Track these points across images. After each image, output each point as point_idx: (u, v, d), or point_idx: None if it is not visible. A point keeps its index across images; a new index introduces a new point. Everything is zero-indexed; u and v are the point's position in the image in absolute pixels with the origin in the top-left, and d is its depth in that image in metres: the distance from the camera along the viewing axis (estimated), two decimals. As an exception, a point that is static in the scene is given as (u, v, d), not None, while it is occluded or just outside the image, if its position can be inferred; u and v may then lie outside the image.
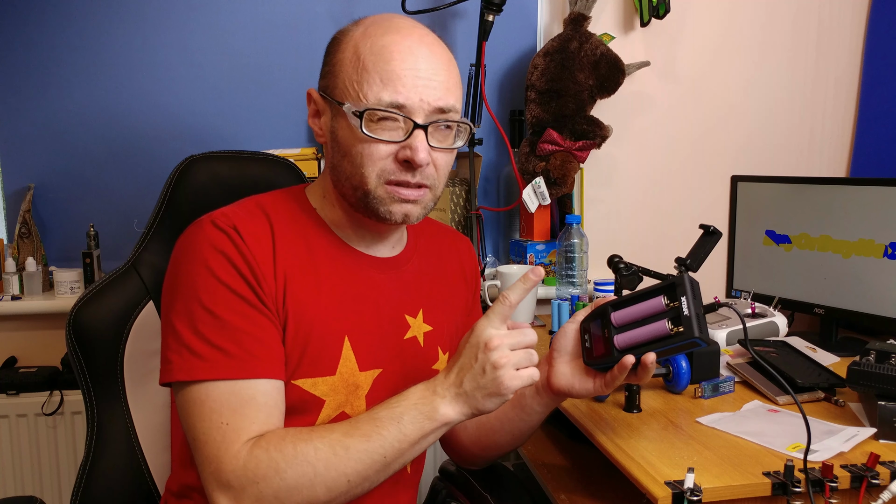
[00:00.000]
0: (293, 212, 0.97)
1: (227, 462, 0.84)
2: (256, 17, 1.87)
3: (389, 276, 1.01)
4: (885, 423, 1.04)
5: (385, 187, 0.92)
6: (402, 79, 0.89)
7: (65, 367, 1.81)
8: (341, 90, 0.92)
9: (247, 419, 0.86)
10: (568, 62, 1.79)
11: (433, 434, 0.87)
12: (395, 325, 1.01)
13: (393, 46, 0.90)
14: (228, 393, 0.86)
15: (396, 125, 0.90)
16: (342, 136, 0.93)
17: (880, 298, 1.51)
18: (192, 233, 0.92)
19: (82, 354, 1.11)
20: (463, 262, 1.15)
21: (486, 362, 0.86)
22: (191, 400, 0.87)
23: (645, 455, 0.98)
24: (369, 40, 0.91)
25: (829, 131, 2.12)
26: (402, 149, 0.90)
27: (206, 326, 0.87)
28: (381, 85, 0.89)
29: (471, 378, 0.86)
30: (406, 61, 0.89)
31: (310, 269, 0.94)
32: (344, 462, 0.84)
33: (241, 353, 0.87)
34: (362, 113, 0.89)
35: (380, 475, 0.87)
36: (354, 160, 0.92)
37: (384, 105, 0.89)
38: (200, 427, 0.86)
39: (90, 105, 1.84)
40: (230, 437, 0.85)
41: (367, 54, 0.90)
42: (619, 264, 1.37)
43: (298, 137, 1.91)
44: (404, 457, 0.87)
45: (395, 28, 0.92)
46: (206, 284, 0.88)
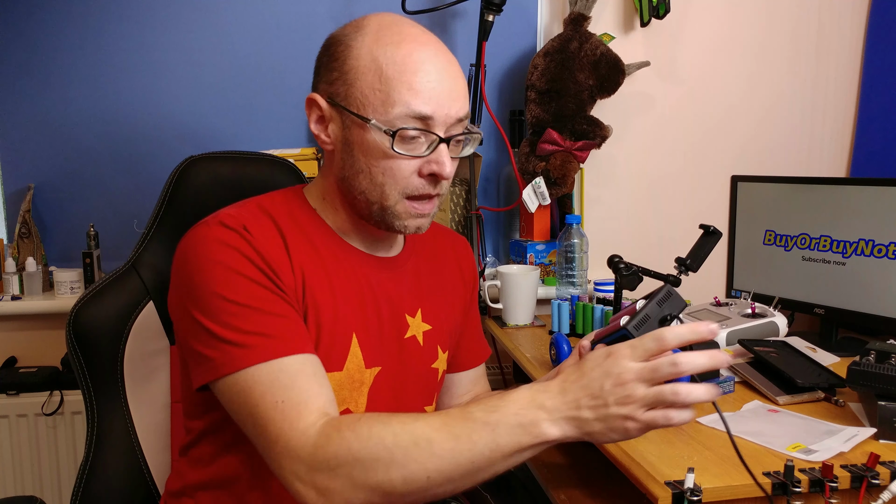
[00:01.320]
0: (294, 213, 0.97)
1: (294, 439, 0.80)
2: (257, 17, 1.87)
3: (389, 276, 1.02)
4: (885, 423, 1.04)
5: (405, 203, 0.92)
6: (430, 91, 0.88)
7: (65, 367, 1.81)
8: (360, 101, 0.89)
9: (302, 392, 0.83)
10: (568, 62, 1.79)
11: (530, 450, 0.79)
12: (396, 323, 1.01)
13: (415, 56, 0.88)
14: (276, 372, 0.83)
15: (419, 139, 0.90)
16: (361, 149, 0.91)
17: (880, 298, 1.51)
18: (200, 234, 0.90)
19: (82, 354, 1.11)
20: (461, 262, 1.16)
21: (611, 396, 0.75)
22: (238, 390, 0.84)
23: (645, 455, 0.98)
24: (387, 49, 0.89)
25: (829, 131, 2.12)
26: (427, 163, 0.91)
27: (234, 317, 0.85)
28: (410, 97, 0.87)
29: (593, 408, 0.77)
30: (430, 73, 0.88)
31: (320, 266, 0.94)
32: (426, 456, 0.78)
33: (277, 333, 0.85)
34: (395, 132, 0.88)
35: (466, 480, 0.79)
36: (375, 177, 0.91)
37: (413, 117, 0.88)
38: (256, 412, 0.83)
39: (90, 105, 1.84)
40: (291, 414, 0.81)
41: (389, 65, 0.88)
42: (619, 264, 1.37)
43: (298, 137, 1.91)
44: (495, 468, 0.79)
45: (410, 36, 0.90)
46: (225, 278, 0.86)
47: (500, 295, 1.73)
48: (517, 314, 1.71)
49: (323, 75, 0.94)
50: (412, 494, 0.79)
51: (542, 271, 1.88)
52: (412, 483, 0.78)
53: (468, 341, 1.19)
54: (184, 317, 0.88)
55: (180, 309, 0.89)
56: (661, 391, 0.75)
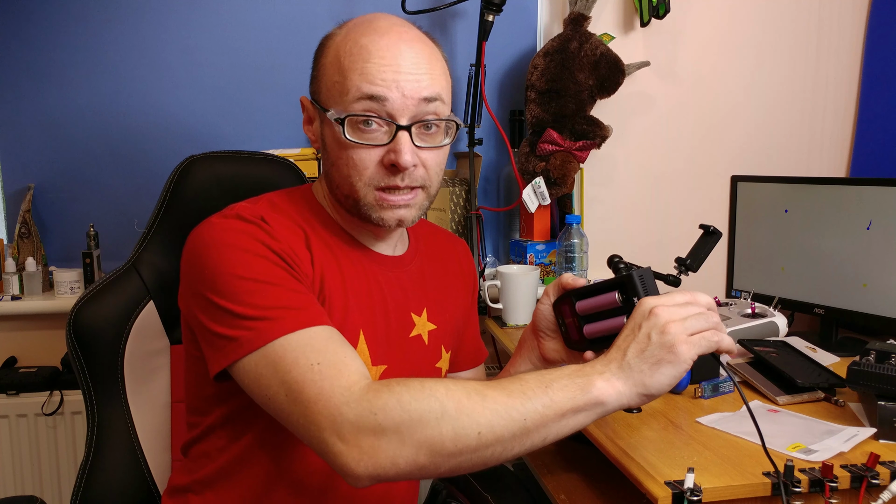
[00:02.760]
0: (304, 210, 0.97)
1: (337, 395, 0.76)
2: (257, 17, 1.87)
3: (396, 275, 1.02)
4: (885, 423, 1.04)
5: (375, 194, 0.91)
6: (381, 71, 0.87)
7: (65, 367, 1.81)
8: (325, 95, 0.92)
9: (337, 353, 0.80)
10: (568, 62, 1.79)
11: (583, 413, 0.77)
12: (402, 322, 1.02)
13: (371, 45, 0.88)
14: (307, 339, 0.81)
15: (380, 129, 0.88)
16: (329, 143, 0.93)
17: (880, 298, 1.51)
18: (216, 224, 0.89)
19: (82, 354, 1.11)
20: (461, 263, 1.17)
21: (651, 329, 0.78)
22: (266, 363, 0.80)
23: (645, 455, 0.98)
24: (349, 42, 0.90)
25: (829, 131, 2.12)
26: (387, 153, 0.89)
27: (254, 294, 0.82)
28: (360, 81, 0.87)
29: (635, 348, 0.78)
30: (384, 56, 0.87)
31: (335, 262, 0.95)
32: (479, 409, 0.75)
33: (301, 305, 0.83)
34: (344, 119, 0.88)
35: (515, 442, 0.76)
36: (341, 169, 0.91)
37: (363, 98, 0.87)
38: (289, 378, 0.78)
39: (90, 105, 1.84)
40: (330, 373, 0.78)
41: (346, 56, 0.89)
42: (619, 264, 1.37)
43: (298, 137, 1.91)
44: (547, 429, 0.77)
45: (375, 28, 0.90)
46: (242, 259, 0.85)
47: (500, 295, 1.73)
48: (517, 314, 1.71)
49: (311, 77, 0.97)
50: (460, 454, 0.75)
51: (542, 271, 1.88)
52: (462, 439, 0.74)
53: (469, 341, 1.20)
54: (200, 303, 0.86)
55: (195, 297, 0.87)
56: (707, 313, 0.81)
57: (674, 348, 0.77)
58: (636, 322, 0.81)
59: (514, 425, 0.75)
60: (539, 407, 0.76)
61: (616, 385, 0.78)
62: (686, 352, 0.78)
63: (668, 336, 0.77)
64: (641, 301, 0.82)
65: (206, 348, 0.87)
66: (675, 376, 0.78)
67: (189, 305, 0.90)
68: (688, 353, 0.78)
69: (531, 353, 1.04)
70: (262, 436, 0.94)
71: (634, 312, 0.82)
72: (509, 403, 0.75)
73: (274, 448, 0.95)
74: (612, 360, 0.79)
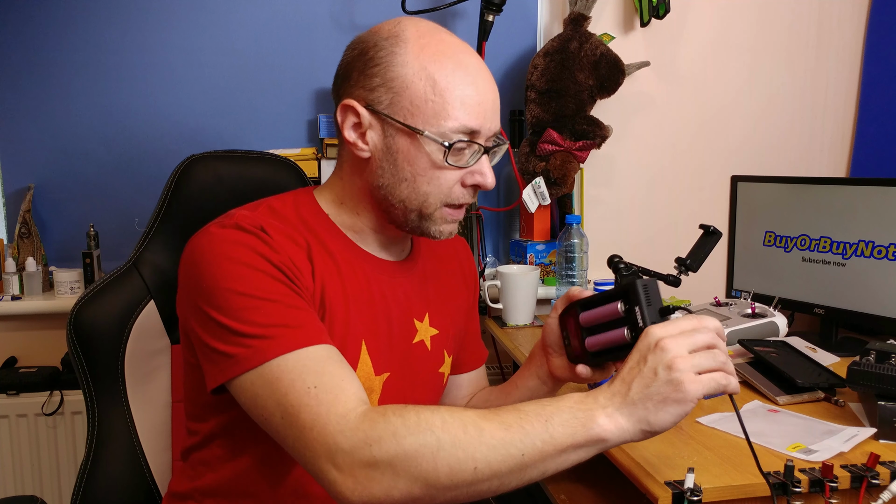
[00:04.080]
0: (306, 216, 0.95)
1: (332, 423, 0.75)
2: (257, 17, 1.87)
3: (399, 280, 1.01)
4: (885, 423, 1.04)
5: (443, 210, 0.93)
6: (482, 105, 0.90)
7: (65, 367, 1.81)
8: (408, 111, 0.88)
9: (335, 376, 0.79)
10: (568, 62, 1.79)
11: (584, 449, 0.76)
12: (404, 329, 1.01)
13: (464, 69, 0.89)
14: (304, 360, 0.80)
15: (465, 150, 0.91)
16: (407, 159, 0.90)
17: (880, 298, 1.51)
18: (214, 234, 0.88)
19: (83, 353, 1.11)
20: (462, 264, 1.16)
21: (657, 364, 0.75)
22: (263, 384, 0.79)
23: (645, 455, 0.98)
24: (436, 60, 0.88)
25: (829, 131, 2.12)
26: (471, 174, 0.92)
27: (252, 311, 0.82)
28: (463, 112, 0.88)
29: (640, 383, 0.76)
30: (479, 86, 0.90)
31: (336, 272, 0.93)
32: (475, 444, 0.74)
33: (299, 323, 0.82)
34: (451, 144, 0.88)
35: (512, 477, 0.75)
36: (419, 186, 0.91)
37: (464, 132, 0.89)
38: (286, 401, 0.78)
39: (90, 105, 1.84)
40: (326, 399, 0.77)
41: (441, 76, 0.88)
42: (619, 264, 1.37)
43: (298, 137, 1.91)
44: (545, 464, 0.76)
45: (453, 47, 0.91)
46: (240, 273, 0.83)
47: (500, 295, 1.73)
48: (517, 314, 1.71)
49: (359, 81, 0.91)
50: (455, 488, 0.74)
51: (542, 271, 1.88)
52: (457, 474, 0.73)
53: (470, 343, 1.19)
54: (197, 317, 0.85)
55: (192, 309, 0.86)
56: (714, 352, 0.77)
57: (681, 386, 0.74)
58: (641, 354, 0.77)
59: (511, 461, 0.74)
60: (538, 443, 0.74)
61: (619, 421, 0.75)
62: (694, 391, 0.75)
63: (675, 373, 0.74)
64: (647, 331, 0.79)
65: (203, 361, 0.86)
66: (680, 415, 0.76)
67: (187, 316, 0.88)
68: (695, 393, 0.75)
69: (539, 368, 1.03)
70: (262, 447, 0.93)
71: (639, 343, 0.79)
72: (507, 438, 0.74)
73: (275, 459, 0.94)
74: (615, 393, 0.77)
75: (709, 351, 0.77)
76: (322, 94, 1.89)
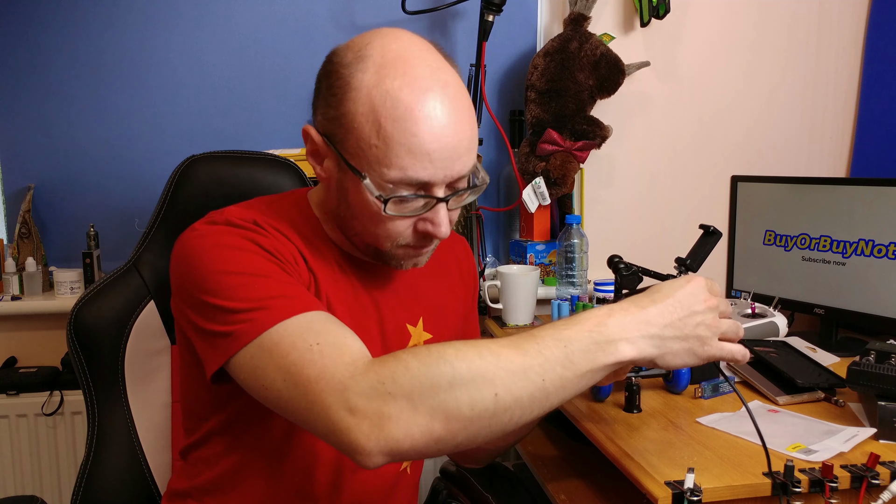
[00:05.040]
0: (297, 220, 0.94)
1: (341, 371, 0.72)
2: (257, 17, 1.87)
3: (391, 286, 0.99)
4: (885, 423, 1.04)
5: (401, 250, 0.89)
6: (430, 154, 0.80)
7: (65, 367, 1.81)
8: (355, 152, 0.82)
9: (336, 334, 0.77)
10: (568, 62, 1.79)
11: (602, 371, 0.75)
12: (397, 335, 0.99)
13: (417, 110, 0.79)
14: (304, 323, 0.77)
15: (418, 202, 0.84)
16: (356, 199, 0.86)
17: (880, 298, 1.51)
18: (204, 229, 0.87)
19: (83, 354, 1.11)
20: (460, 263, 1.14)
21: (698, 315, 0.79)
22: (262, 353, 0.76)
23: (645, 455, 0.98)
24: (387, 98, 0.80)
25: (829, 131, 2.12)
26: (422, 221, 0.86)
27: (246, 288, 0.79)
28: (408, 162, 0.80)
29: (679, 326, 0.78)
30: (434, 132, 0.80)
31: (328, 276, 0.92)
32: (493, 370, 0.71)
33: (294, 294, 0.81)
34: (387, 199, 0.82)
35: (534, 405, 0.73)
36: (368, 226, 0.87)
37: (410, 183, 0.81)
38: (287, 361, 0.74)
39: (90, 105, 1.84)
40: (331, 352, 0.74)
41: (388, 119, 0.79)
42: (619, 264, 1.37)
43: (298, 138, 1.89)
44: (565, 390, 0.74)
45: (414, 79, 0.81)
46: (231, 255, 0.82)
47: (500, 295, 1.73)
48: (517, 314, 1.71)
49: (320, 107, 0.87)
50: (477, 419, 0.71)
51: (542, 271, 1.88)
52: (478, 403, 0.70)
53: None
54: (193, 305, 0.83)
55: (187, 301, 0.85)
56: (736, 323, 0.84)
57: (705, 343, 0.80)
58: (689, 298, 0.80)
59: (532, 386, 0.72)
60: (558, 367, 0.73)
61: (640, 346, 0.77)
62: (711, 354, 0.80)
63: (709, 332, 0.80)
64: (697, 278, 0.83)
65: (202, 350, 0.85)
66: (688, 364, 0.80)
67: (182, 310, 0.87)
68: (711, 356, 0.80)
69: None
70: (261, 443, 0.93)
71: (688, 285, 0.81)
72: (526, 363, 0.72)
73: (274, 456, 0.93)
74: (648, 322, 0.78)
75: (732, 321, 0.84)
76: (322, 94, 1.88)
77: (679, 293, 0.80)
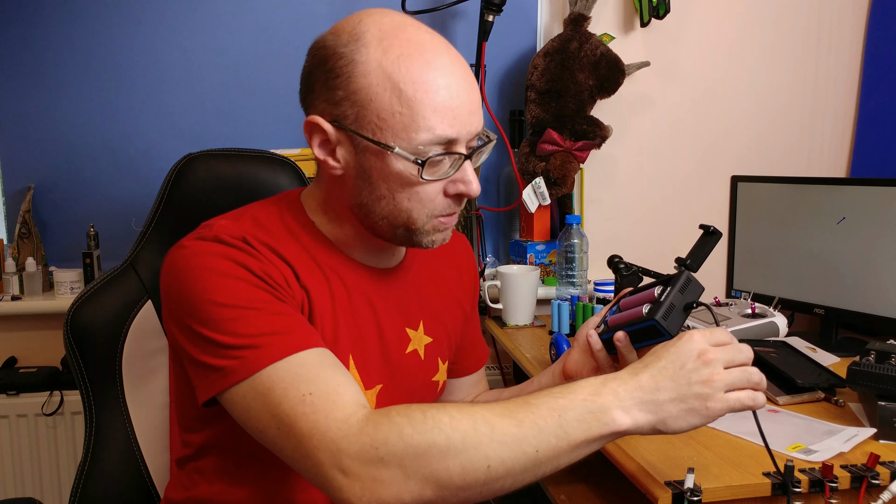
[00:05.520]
0: (291, 226, 0.91)
1: (333, 429, 0.72)
2: (257, 17, 1.87)
3: (391, 289, 0.97)
4: (885, 423, 1.04)
5: (433, 221, 0.88)
6: (457, 109, 0.82)
7: (65, 368, 1.81)
8: (377, 126, 0.81)
9: (329, 382, 0.75)
10: (568, 62, 1.79)
11: (598, 442, 0.74)
12: (397, 339, 0.97)
13: (433, 70, 0.81)
14: (296, 366, 0.76)
15: (444, 160, 0.84)
16: (382, 176, 0.84)
17: (880, 298, 1.51)
18: (194, 247, 0.84)
19: (80, 354, 1.10)
20: (460, 265, 1.12)
21: (695, 374, 0.74)
22: (255, 396, 0.76)
23: (645, 455, 0.98)
24: (400, 63, 0.80)
25: (829, 131, 2.12)
26: (453, 183, 0.86)
27: (237, 322, 0.78)
28: (436, 122, 0.81)
29: (672, 387, 0.74)
30: (452, 88, 0.81)
31: (323, 283, 0.90)
32: (486, 442, 0.70)
33: (287, 329, 0.79)
34: (425, 161, 0.82)
35: (526, 474, 0.73)
36: (400, 203, 0.85)
37: (439, 143, 0.82)
38: (280, 411, 0.74)
39: (91, 105, 1.84)
40: (323, 405, 0.73)
41: (408, 83, 0.80)
42: (619, 264, 1.37)
43: (298, 138, 1.90)
44: (559, 460, 0.73)
45: (419, 44, 0.82)
46: (221, 284, 0.80)
47: (500, 295, 1.73)
48: (517, 314, 1.71)
49: (321, 94, 0.85)
50: (469, 488, 0.71)
51: (542, 271, 1.87)
52: (470, 473, 0.70)
53: (469, 346, 1.16)
54: (183, 331, 0.82)
55: (177, 324, 0.83)
56: (749, 370, 0.77)
57: (708, 401, 0.74)
58: (680, 358, 0.76)
59: (525, 458, 0.72)
60: (552, 438, 0.72)
61: (636, 416, 0.74)
62: (718, 410, 0.75)
63: (709, 389, 0.74)
64: (690, 335, 0.77)
65: (193, 376, 0.83)
66: (697, 426, 0.75)
67: (172, 331, 0.85)
68: (719, 412, 0.75)
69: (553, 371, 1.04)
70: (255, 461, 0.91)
71: (680, 345, 0.77)
72: (520, 435, 0.72)
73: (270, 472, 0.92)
74: (641, 388, 0.75)
75: (743, 368, 0.77)
76: (322, 94, 1.88)
77: (669, 353, 0.77)
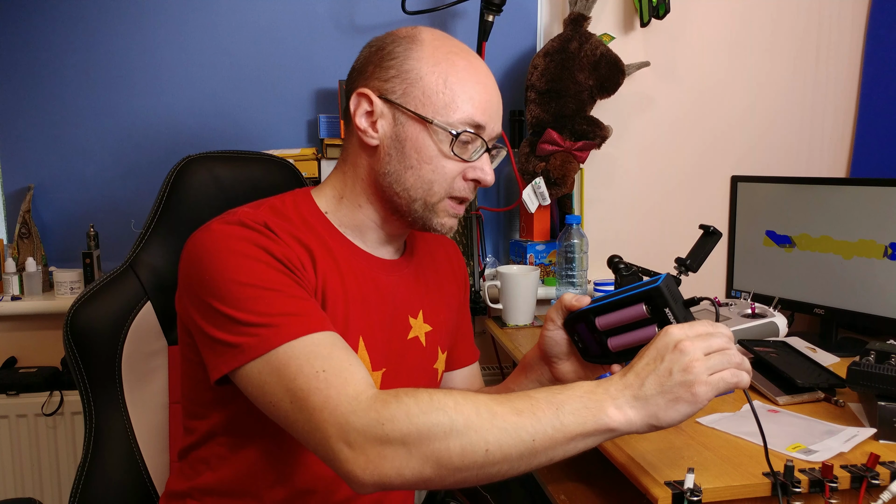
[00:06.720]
0: (304, 215, 0.97)
1: (343, 404, 0.76)
2: (257, 17, 1.87)
3: (395, 278, 1.03)
4: (885, 423, 1.04)
5: (447, 201, 0.96)
6: (489, 104, 0.95)
7: (65, 368, 1.81)
8: (421, 101, 0.93)
9: (342, 360, 0.80)
10: (568, 62, 1.79)
11: (592, 437, 0.78)
12: (400, 325, 1.02)
13: (474, 71, 0.95)
14: (311, 346, 0.81)
15: (469, 145, 0.95)
16: (414, 146, 0.94)
17: (880, 298, 1.51)
18: (217, 230, 0.89)
19: (80, 355, 1.10)
20: (452, 263, 1.17)
21: (674, 364, 0.78)
22: (270, 370, 0.80)
23: (645, 455, 0.98)
24: (449, 58, 0.94)
25: (829, 131, 2.12)
26: (472, 169, 0.95)
27: (257, 301, 0.82)
28: (471, 107, 0.93)
29: (654, 380, 0.78)
30: (488, 87, 0.96)
31: (335, 269, 0.95)
32: (487, 426, 0.75)
33: (303, 312, 0.83)
34: (458, 134, 0.92)
35: (522, 462, 0.76)
36: (424, 174, 0.94)
37: (472, 124, 0.93)
38: (294, 385, 0.79)
39: (90, 105, 1.84)
40: (336, 381, 0.78)
41: (453, 72, 0.93)
42: (619, 264, 1.37)
43: (298, 138, 1.91)
44: (554, 451, 0.77)
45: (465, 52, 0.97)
46: (243, 265, 0.85)
47: (500, 295, 1.73)
48: (517, 314, 1.71)
49: (374, 73, 0.96)
50: (466, 469, 0.75)
51: (542, 271, 1.88)
52: (469, 455, 0.75)
53: (463, 339, 1.20)
54: (200, 309, 0.86)
55: (195, 302, 0.87)
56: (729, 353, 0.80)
57: (693, 387, 0.77)
58: (659, 352, 0.79)
59: (522, 445, 0.75)
60: (548, 429, 0.76)
61: (628, 413, 0.77)
62: (704, 393, 0.77)
63: (690, 375, 0.77)
64: (667, 331, 0.81)
65: (206, 353, 0.87)
66: (688, 414, 0.78)
67: (188, 310, 0.89)
68: (705, 395, 0.78)
69: (541, 375, 1.03)
70: (263, 443, 0.94)
71: (657, 341, 0.80)
72: (518, 423, 0.76)
73: (276, 456, 0.94)
74: (628, 386, 0.78)
75: (723, 352, 0.80)
76: (322, 95, 1.89)
77: (650, 350, 0.80)
